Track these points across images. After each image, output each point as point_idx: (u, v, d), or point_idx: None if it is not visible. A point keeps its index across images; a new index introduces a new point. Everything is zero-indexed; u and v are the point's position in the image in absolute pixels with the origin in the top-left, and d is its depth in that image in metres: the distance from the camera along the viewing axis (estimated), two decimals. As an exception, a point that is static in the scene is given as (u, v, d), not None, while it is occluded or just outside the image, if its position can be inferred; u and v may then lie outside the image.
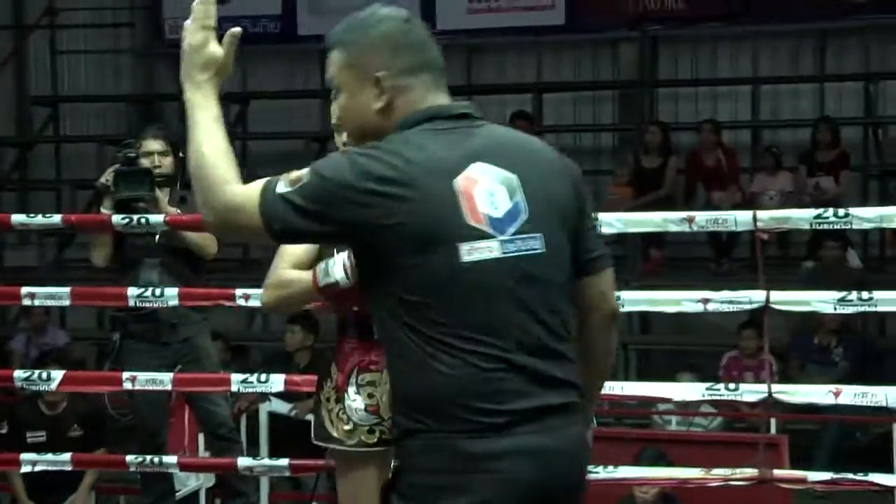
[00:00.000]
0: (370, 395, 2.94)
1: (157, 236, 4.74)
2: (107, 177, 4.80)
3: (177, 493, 5.37)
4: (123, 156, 4.76)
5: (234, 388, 4.63)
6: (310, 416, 6.92)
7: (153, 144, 5.01)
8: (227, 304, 4.63)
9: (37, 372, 5.00)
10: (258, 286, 3.40)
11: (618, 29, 10.72)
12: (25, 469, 5.02)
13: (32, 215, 4.96)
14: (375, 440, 2.93)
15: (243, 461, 4.66)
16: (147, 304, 4.57)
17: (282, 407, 6.52)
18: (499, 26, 10.92)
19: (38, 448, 5.62)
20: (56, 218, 4.96)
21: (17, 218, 4.87)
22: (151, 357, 5.00)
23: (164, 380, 4.64)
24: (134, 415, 5.20)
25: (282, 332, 7.32)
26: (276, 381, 4.61)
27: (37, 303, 5.09)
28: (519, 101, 10.49)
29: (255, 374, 4.66)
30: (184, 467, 5.08)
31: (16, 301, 5.68)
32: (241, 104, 11.06)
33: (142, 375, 4.85)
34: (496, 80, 11.17)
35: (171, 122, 10.89)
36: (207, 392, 4.94)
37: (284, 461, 4.59)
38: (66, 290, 4.78)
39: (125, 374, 4.78)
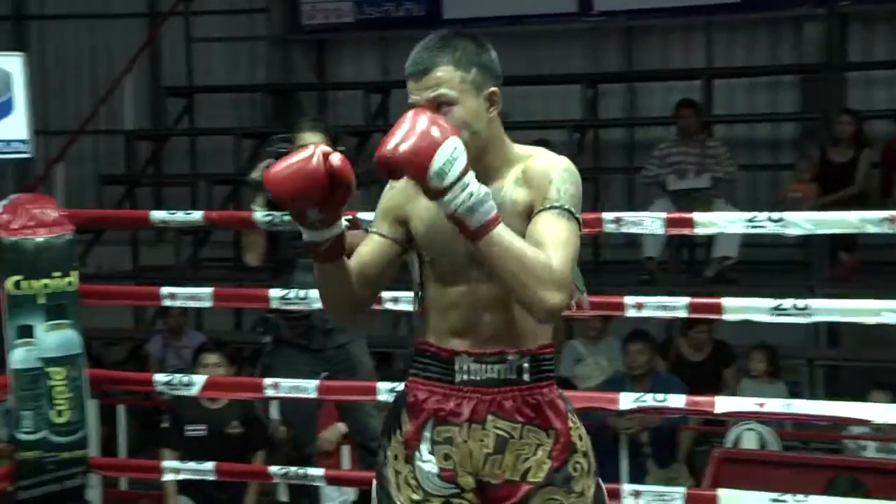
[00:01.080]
0: (446, 457, 2.59)
1: None
2: (257, 173, 4.84)
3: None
4: (276, 150, 4.77)
5: (381, 397, 4.65)
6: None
7: (311, 137, 5.00)
8: (375, 307, 4.69)
9: (177, 376, 5.16)
10: (406, 289, 3.47)
11: (801, 5, 10.33)
12: (168, 477, 5.19)
13: (173, 212, 5.04)
14: None
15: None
16: (292, 307, 4.66)
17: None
18: (664, 6, 10.58)
19: (197, 442, 5.83)
20: (197, 215, 5.07)
21: (158, 215, 5.00)
22: (303, 363, 5.09)
23: (308, 387, 4.72)
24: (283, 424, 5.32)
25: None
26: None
27: (177, 303, 5.24)
28: (685, 89, 10.20)
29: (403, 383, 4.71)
30: (331, 480, 5.14)
31: (155, 301, 5.85)
32: (382, 94, 11.16)
33: (285, 382, 4.94)
34: (660, 66, 10.93)
35: (308, 112, 11.15)
36: (361, 402, 4.99)
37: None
38: (209, 290, 4.90)
39: (267, 381, 4.87)
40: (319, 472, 4.84)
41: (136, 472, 6.01)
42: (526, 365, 2.57)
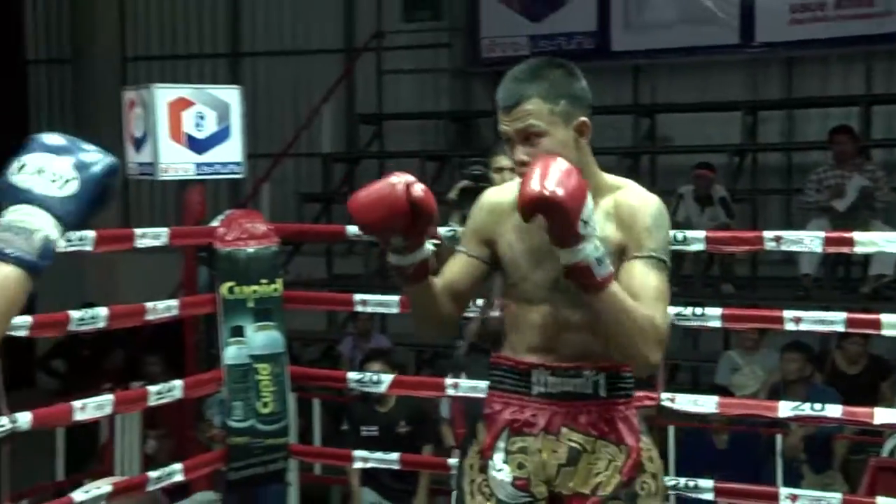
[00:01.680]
0: (520, 466, 2.47)
1: None
2: (454, 192, 4.82)
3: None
4: (470, 172, 4.76)
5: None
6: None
7: (505, 161, 5.03)
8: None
9: (368, 375, 5.30)
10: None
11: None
12: (358, 465, 5.32)
13: (366, 226, 5.17)
14: None
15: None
16: (473, 315, 4.68)
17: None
18: (824, 37, 10.23)
19: (370, 442, 5.91)
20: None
21: (352, 229, 5.11)
22: (485, 366, 5.10)
23: (484, 387, 4.79)
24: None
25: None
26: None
27: (368, 309, 5.33)
28: (843, 115, 9.91)
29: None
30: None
31: (348, 307, 5.99)
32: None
33: (465, 382, 5.02)
34: (818, 93, 10.64)
35: (486, 139, 11.23)
36: None
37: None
38: (396, 298, 4.99)
39: (448, 381, 4.96)
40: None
41: (328, 460, 6.16)
42: (602, 381, 2.46)
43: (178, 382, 4.90)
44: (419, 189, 2.30)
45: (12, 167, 1.67)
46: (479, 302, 4.18)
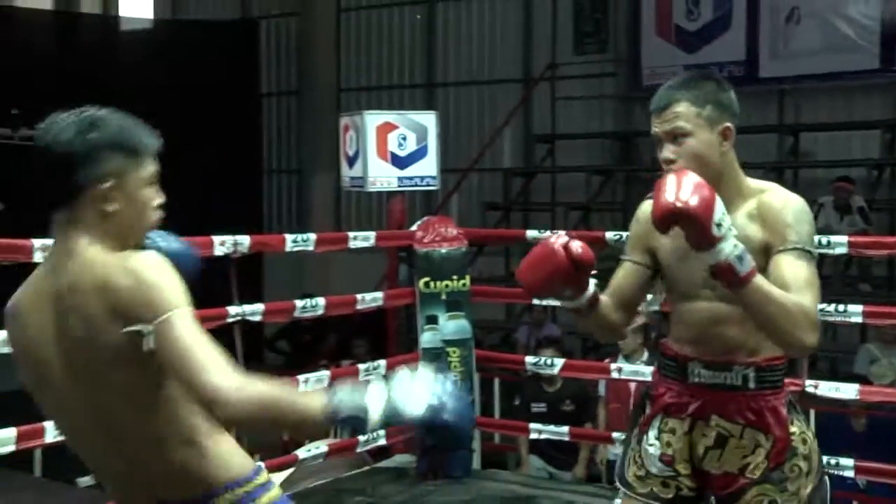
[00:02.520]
0: (667, 444, 2.40)
1: None
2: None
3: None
4: None
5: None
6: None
7: None
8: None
9: (543, 358, 5.27)
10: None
11: None
12: (533, 436, 5.29)
13: (542, 231, 5.13)
14: (671, 496, 2.40)
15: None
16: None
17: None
18: None
19: (538, 417, 5.86)
20: (560, 234, 5.15)
21: (531, 233, 5.12)
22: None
23: (646, 371, 4.68)
24: None
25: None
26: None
27: (542, 303, 5.30)
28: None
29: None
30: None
31: (525, 300, 5.96)
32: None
33: (627, 367, 4.92)
34: None
35: (645, 155, 11.05)
36: None
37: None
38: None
39: (614, 365, 4.87)
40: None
41: (508, 431, 6.17)
42: (752, 374, 2.33)
43: (382, 362, 4.97)
44: (577, 247, 2.23)
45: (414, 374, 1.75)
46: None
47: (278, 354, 10.68)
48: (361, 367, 4.97)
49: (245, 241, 4.19)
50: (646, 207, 2.49)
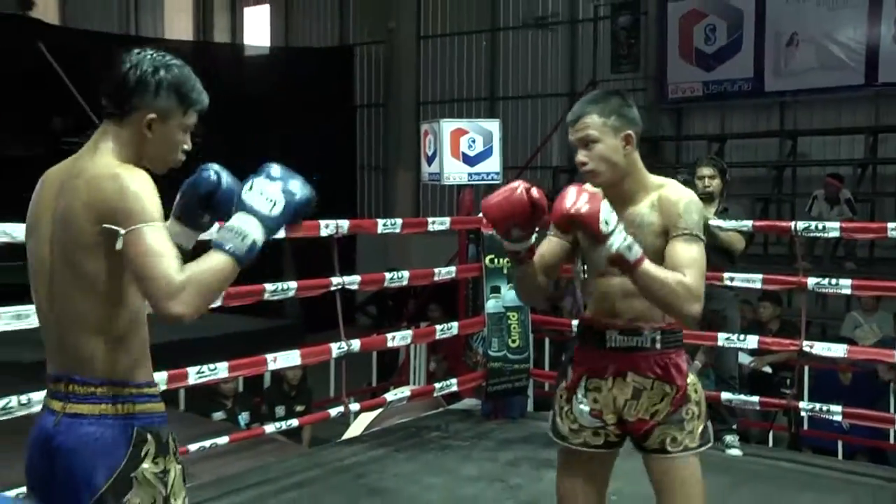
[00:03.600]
0: (595, 400, 2.34)
1: None
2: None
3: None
4: (682, 179, 4.59)
5: (720, 343, 4.50)
6: (766, 368, 6.56)
7: (705, 170, 4.81)
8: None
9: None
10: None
11: None
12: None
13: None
14: (600, 442, 2.36)
15: (726, 395, 4.52)
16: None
17: (745, 359, 6.25)
18: None
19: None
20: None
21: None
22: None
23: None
24: None
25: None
26: (752, 341, 4.52)
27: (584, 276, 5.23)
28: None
29: (736, 336, 4.53)
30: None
31: (569, 273, 5.88)
32: (719, 142, 10.69)
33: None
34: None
35: (669, 156, 10.87)
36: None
37: (755, 398, 4.50)
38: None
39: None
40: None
41: (555, 380, 6.12)
42: (658, 336, 2.28)
43: (455, 324, 4.95)
44: (535, 192, 2.17)
45: (244, 186, 1.69)
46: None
47: (367, 317, 10.74)
48: (438, 327, 4.95)
49: (345, 224, 4.19)
50: None
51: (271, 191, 1.68)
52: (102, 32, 13.34)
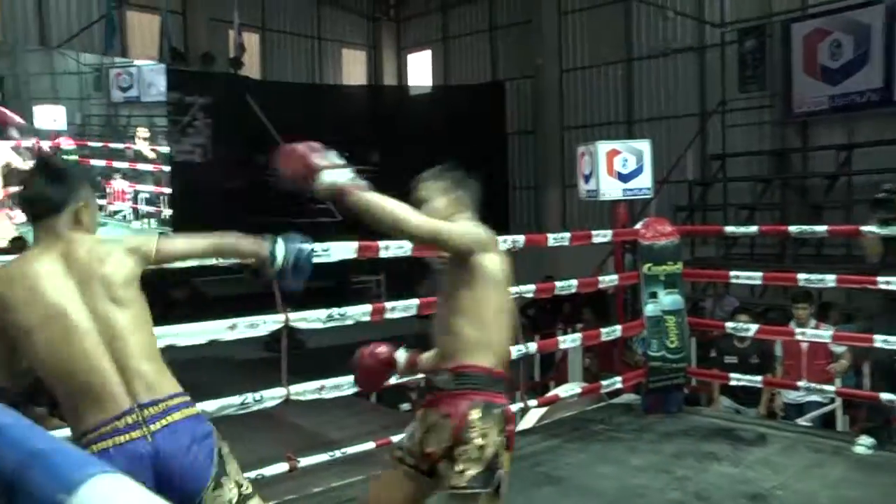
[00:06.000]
0: (413, 433, 2.23)
1: None
2: (882, 193, 4.10)
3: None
4: (884, 189, 4.13)
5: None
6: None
7: None
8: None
9: (740, 324, 4.86)
10: None
11: None
12: (732, 382, 4.89)
13: (738, 226, 4.76)
14: (413, 463, 2.22)
15: (885, 396, 4.08)
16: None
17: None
18: None
19: (730, 367, 5.39)
20: (753, 228, 4.75)
21: (729, 228, 4.74)
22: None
23: (824, 335, 4.23)
24: None
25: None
26: None
27: (740, 282, 4.82)
28: None
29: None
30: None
31: (724, 279, 5.51)
32: (846, 151, 9.90)
33: (809, 331, 4.44)
34: None
35: (797, 167, 10.15)
36: None
37: None
38: (759, 273, 4.57)
39: (798, 329, 4.40)
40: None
41: (713, 377, 5.72)
42: (450, 377, 2.10)
43: (618, 327, 4.74)
44: (381, 351, 2.32)
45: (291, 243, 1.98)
46: None
47: (526, 318, 10.58)
48: (604, 329, 4.72)
49: (521, 239, 4.08)
50: None
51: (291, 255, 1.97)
52: (295, 83, 13.89)
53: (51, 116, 10.30)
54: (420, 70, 15.85)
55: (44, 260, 1.80)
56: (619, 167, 4.91)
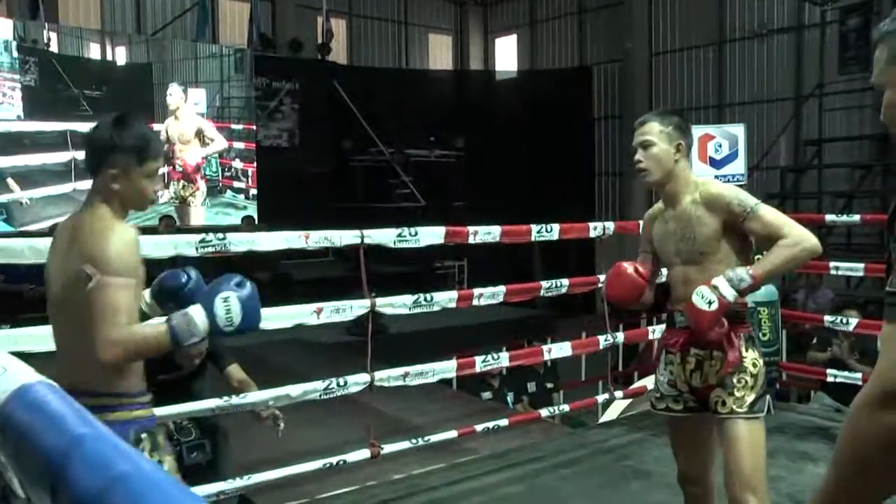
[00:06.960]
0: (671, 372, 2.31)
1: None
2: None
3: None
4: None
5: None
6: None
7: None
8: None
9: (829, 317, 4.56)
10: None
11: None
12: (829, 378, 4.61)
13: (839, 215, 4.45)
14: (680, 407, 2.31)
15: None
16: None
17: None
18: None
19: (828, 362, 5.10)
20: (856, 217, 4.43)
21: (829, 217, 4.42)
22: None
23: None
24: None
25: None
26: None
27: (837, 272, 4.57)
28: None
29: None
30: None
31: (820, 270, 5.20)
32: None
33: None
34: None
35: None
36: None
37: None
38: (861, 265, 4.26)
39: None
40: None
41: (808, 373, 5.41)
42: None
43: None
44: (640, 267, 2.36)
45: (220, 289, 1.72)
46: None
47: (610, 306, 10.35)
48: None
49: (611, 225, 3.94)
50: (649, 212, 2.43)
51: (235, 308, 1.71)
52: (381, 68, 13.93)
53: (192, 99, 10.73)
54: (506, 55, 15.65)
55: (61, 228, 1.86)
56: (712, 152, 4.71)
